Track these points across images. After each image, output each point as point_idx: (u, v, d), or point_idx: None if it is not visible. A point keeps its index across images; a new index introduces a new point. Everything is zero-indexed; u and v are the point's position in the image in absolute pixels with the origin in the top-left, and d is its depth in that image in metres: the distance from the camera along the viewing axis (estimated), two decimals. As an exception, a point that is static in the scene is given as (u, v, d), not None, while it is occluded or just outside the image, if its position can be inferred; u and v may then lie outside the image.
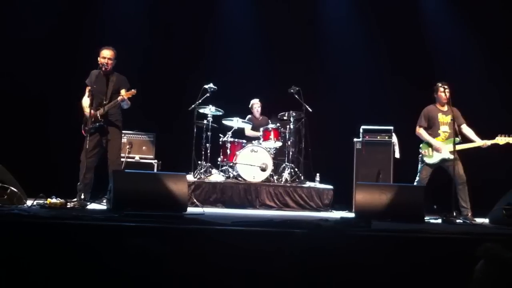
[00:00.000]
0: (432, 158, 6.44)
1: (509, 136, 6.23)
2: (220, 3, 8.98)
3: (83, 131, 5.97)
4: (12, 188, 5.10)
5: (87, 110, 5.90)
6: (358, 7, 8.95)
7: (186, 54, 8.54)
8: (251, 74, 8.62)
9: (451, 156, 6.19)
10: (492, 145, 6.26)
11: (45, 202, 5.12)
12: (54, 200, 5.18)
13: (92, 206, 5.50)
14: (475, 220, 5.93)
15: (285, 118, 7.92)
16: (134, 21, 8.40)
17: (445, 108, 6.52)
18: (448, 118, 6.44)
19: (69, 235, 3.64)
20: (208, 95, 7.57)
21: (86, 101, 6.01)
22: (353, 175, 7.52)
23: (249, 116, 8.40)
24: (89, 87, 6.01)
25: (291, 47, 8.86)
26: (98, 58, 6.02)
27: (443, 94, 6.43)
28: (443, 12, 8.77)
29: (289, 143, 7.75)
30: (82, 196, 5.63)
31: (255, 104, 8.44)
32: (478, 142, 6.31)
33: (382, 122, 7.59)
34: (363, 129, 7.64)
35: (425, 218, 5.54)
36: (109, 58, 6.00)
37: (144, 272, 1.93)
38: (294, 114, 7.80)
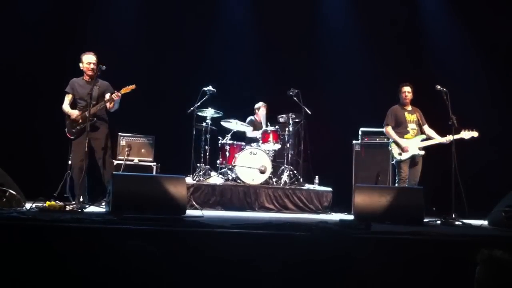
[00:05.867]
0: (402, 155, 6.65)
1: (472, 131, 6.45)
2: (220, 5, 8.99)
3: (68, 134, 5.98)
4: (11, 191, 5.09)
5: (71, 111, 5.93)
6: (358, 10, 8.96)
7: (185, 57, 8.53)
8: (250, 76, 8.62)
9: (421, 152, 6.61)
10: (459, 140, 6.37)
11: (44, 205, 5.11)
12: (53, 203, 5.17)
13: (91, 209, 5.49)
14: None
15: (284, 120, 7.92)
16: (132, 23, 8.41)
17: (409, 107, 6.89)
18: (414, 117, 6.81)
19: (68, 238, 3.64)
20: (207, 97, 7.57)
21: (67, 107, 6.04)
22: (352, 177, 7.53)
23: (250, 117, 8.31)
24: (70, 96, 6.04)
25: (290, 50, 8.87)
26: (81, 64, 6.00)
27: (403, 95, 6.86)
28: (442, 16, 8.79)
29: (288, 145, 7.75)
30: (81, 199, 5.63)
31: (262, 108, 8.33)
32: (440, 138, 6.56)
33: (381, 125, 7.58)
34: (362, 132, 7.65)
35: (424, 220, 5.53)
36: (94, 63, 5.98)
37: (143, 274, 1.93)
38: (293, 116, 7.80)
